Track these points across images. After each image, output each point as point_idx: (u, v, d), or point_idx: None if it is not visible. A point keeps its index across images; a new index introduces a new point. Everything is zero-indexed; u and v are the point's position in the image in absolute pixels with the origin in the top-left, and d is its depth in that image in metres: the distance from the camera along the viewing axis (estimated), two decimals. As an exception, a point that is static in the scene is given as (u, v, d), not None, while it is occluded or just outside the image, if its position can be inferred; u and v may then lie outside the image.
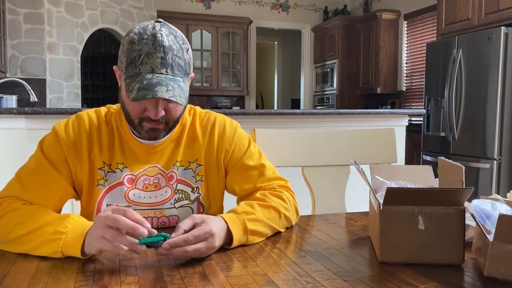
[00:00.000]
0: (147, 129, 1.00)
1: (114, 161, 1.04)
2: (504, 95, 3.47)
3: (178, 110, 1.01)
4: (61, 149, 1.01)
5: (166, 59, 0.93)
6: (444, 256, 0.79)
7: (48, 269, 0.79)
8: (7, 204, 0.94)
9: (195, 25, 6.10)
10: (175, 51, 0.95)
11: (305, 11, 6.80)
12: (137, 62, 0.93)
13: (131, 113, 0.99)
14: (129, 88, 0.92)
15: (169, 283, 0.72)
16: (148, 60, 0.92)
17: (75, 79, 4.88)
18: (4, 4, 4.25)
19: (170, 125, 1.02)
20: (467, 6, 4.03)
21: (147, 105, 0.96)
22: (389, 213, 0.80)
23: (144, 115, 0.97)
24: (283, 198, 1.06)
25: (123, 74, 0.97)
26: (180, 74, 0.96)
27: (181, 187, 1.08)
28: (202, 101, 6.35)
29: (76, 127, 1.04)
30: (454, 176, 0.88)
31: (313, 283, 0.72)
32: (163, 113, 0.97)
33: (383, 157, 1.46)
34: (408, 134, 4.10)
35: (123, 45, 0.97)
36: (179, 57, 0.96)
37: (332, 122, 2.70)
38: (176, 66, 0.95)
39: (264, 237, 0.98)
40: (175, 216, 1.07)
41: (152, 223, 1.05)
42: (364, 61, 6.05)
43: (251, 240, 0.94)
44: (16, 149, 2.09)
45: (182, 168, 1.08)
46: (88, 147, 1.03)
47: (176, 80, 0.95)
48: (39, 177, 0.99)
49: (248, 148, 1.14)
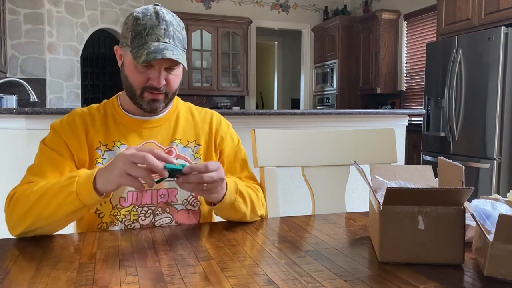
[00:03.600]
0: (148, 100, 1.08)
1: (110, 140, 1.11)
2: (504, 95, 3.47)
3: (177, 81, 1.11)
4: (60, 138, 1.09)
5: (168, 31, 1.04)
6: (444, 256, 0.79)
7: (48, 269, 0.79)
8: (22, 190, 1.00)
9: (195, 25, 6.10)
10: (175, 25, 1.07)
11: (305, 11, 6.80)
12: (143, 34, 1.03)
13: (134, 84, 1.07)
14: (138, 55, 1.01)
15: (169, 283, 0.72)
16: (153, 31, 1.03)
17: (75, 79, 4.88)
18: (4, 4, 4.25)
19: (169, 96, 1.10)
20: (467, 6, 4.03)
21: (150, 74, 1.05)
22: (389, 213, 0.80)
23: (146, 85, 1.06)
24: (257, 195, 1.16)
25: (129, 47, 1.05)
26: (180, 46, 1.06)
27: (180, 161, 1.13)
28: (202, 101, 6.34)
29: (70, 118, 1.13)
30: (454, 176, 0.88)
31: (313, 283, 0.72)
32: (164, 82, 1.06)
33: (383, 157, 1.46)
34: (408, 134, 4.10)
35: (126, 23, 1.07)
36: (178, 31, 1.07)
37: (332, 122, 2.70)
38: (176, 38, 1.06)
39: (245, 205, 1.08)
40: (174, 188, 1.12)
41: (152, 196, 1.10)
42: (364, 61, 6.05)
43: (237, 202, 1.05)
44: (16, 149, 2.09)
45: (182, 146, 1.16)
46: (84, 130, 1.11)
47: (178, 48, 1.05)
48: (46, 163, 1.06)
49: (238, 144, 1.24)
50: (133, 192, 1.09)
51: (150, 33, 1.03)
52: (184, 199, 1.13)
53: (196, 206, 1.15)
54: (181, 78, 1.13)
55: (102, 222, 1.09)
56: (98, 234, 1.01)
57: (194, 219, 1.15)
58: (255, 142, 1.35)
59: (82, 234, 1.03)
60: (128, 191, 1.08)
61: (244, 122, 2.47)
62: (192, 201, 1.14)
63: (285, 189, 2.42)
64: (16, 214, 0.97)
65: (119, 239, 0.96)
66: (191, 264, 0.81)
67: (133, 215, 1.09)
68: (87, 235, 1.00)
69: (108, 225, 1.09)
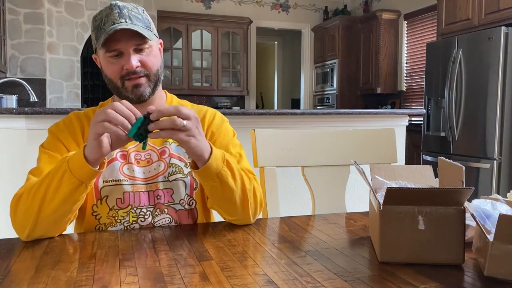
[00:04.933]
0: (131, 88, 1.07)
1: None
2: (504, 95, 3.47)
3: (155, 61, 1.08)
4: (58, 139, 1.10)
5: (122, 13, 1.04)
6: (444, 256, 0.79)
7: (48, 269, 0.79)
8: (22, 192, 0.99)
9: (195, 25, 6.10)
10: (129, 8, 1.06)
11: (305, 11, 6.80)
12: (101, 25, 1.04)
13: (112, 76, 1.07)
14: (99, 42, 1.03)
15: (169, 283, 0.72)
16: (108, 18, 1.03)
17: (75, 79, 4.88)
18: (4, 4, 4.25)
19: (151, 78, 1.08)
20: (467, 6, 4.03)
21: (122, 61, 1.04)
22: (389, 213, 0.80)
23: (123, 72, 1.05)
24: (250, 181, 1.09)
25: (96, 45, 1.06)
26: (140, 24, 1.05)
27: (174, 161, 1.13)
28: (202, 101, 6.34)
29: (67, 120, 1.14)
30: (454, 176, 0.88)
31: (313, 283, 0.72)
32: (139, 64, 1.05)
33: (383, 157, 1.46)
34: (408, 134, 4.10)
35: (90, 28, 1.11)
36: (136, 12, 1.07)
37: (332, 122, 2.70)
38: (134, 17, 1.05)
39: (234, 181, 1.01)
40: (169, 189, 1.11)
41: (148, 197, 1.10)
42: (364, 61, 6.04)
43: (224, 171, 0.99)
44: (16, 149, 2.09)
45: (175, 145, 1.15)
46: (81, 130, 1.12)
47: (137, 25, 1.03)
48: (46, 165, 1.06)
49: (233, 138, 1.20)
50: (129, 193, 1.08)
51: (106, 21, 1.03)
52: (181, 199, 1.12)
53: (193, 205, 1.14)
54: (161, 60, 1.11)
55: (99, 223, 1.09)
56: (98, 234, 1.01)
57: (193, 218, 1.15)
58: (255, 142, 1.35)
59: (82, 234, 1.03)
60: (124, 192, 1.08)
61: (244, 122, 2.47)
62: (188, 200, 1.14)
63: (285, 189, 2.42)
64: (19, 214, 0.96)
65: (119, 239, 0.96)
66: (191, 264, 0.81)
67: (132, 217, 1.09)
68: (87, 235, 1.00)
69: (107, 226, 1.09)
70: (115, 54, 1.05)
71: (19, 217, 0.96)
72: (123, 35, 1.02)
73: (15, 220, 0.97)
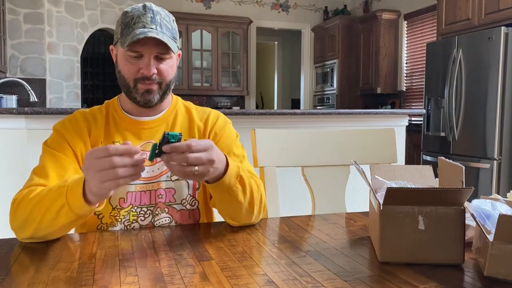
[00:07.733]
0: (142, 92, 1.08)
1: (110, 140, 1.12)
2: (504, 95, 3.47)
3: (170, 72, 1.10)
4: (63, 138, 1.09)
5: (155, 19, 1.06)
6: (444, 256, 0.79)
7: (48, 269, 0.79)
8: (22, 197, 0.98)
9: (195, 25, 6.10)
10: (162, 15, 1.08)
11: (305, 11, 6.80)
12: (131, 23, 1.05)
13: (126, 76, 1.08)
14: (124, 40, 1.03)
15: (169, 283, 0.72)
16: (140, 19, 1.05)
17: (75, 79, 4.88)
18: (4, 4, 4.25)
19: (163, 87, 1.09)
20: (467, 6, 4.03)
21: (140, 64, 1.06)
22: (389, 213, 0.80)
23: (138, 75, 1.06)
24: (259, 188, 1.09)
25: (119, 40, 1.06)
26: (169, 34, 1.06)
27: None
28: (202, 101, 6.34)
29: (73, 119, 1.13)
30: (454, 176, 0.88)
31: (313, 283, 0.72)
32: (155, 71, 1.06)
33: (383, 157, 1.46)
34: (408, 134, 4.10)
35: (118, 21, 1.10)
36: (167, 21, 1.08)
37: (332, 122, 2.70)
38: (164, 26, 1.06)
39: (244, 195, 1.01)
40: (171, 188, 1.12)
41: (150, 196, 1.10)
42: (364, 61, 6.04)
43: (236, 188, 0.99)
44: (16, 149, 2.09)
45: None
46: (87, 129, 1.11)
47: (166, 35, 1.05)
48: (49, 163, 1.05)
49: (236, 139, 1.21)
50: (132, 192, 1.09)
51: (137, 22, 1.04)
52: (182, 199, 1.12)
53: (195, 206, 1.15)
54: (175, 71, 1.13)
55: (101, 223, 1.09)
56: (98, 234, 1.01)
57: (194, 219, 1.15)
58: (255, 142, 1.35)
59: (82, 234, 1.03)
60: (127, 191, 1.08)
61: (244, 122, 2.48)
62: (190, 200, 1.14)
63: (285, 189, 2.42)
64: (17, 222, 0.95)
65: (119, 239, 0.96)
66: (191, 264, 0.81)
67: (132, 216, 1.09)
68: (87, 235, 1.00)
69: (108, 226, 1.09)
70: (135, 55, 1.06)
71: (15, 225, 0.95)
72: (149, 40, 1.03)
73: (13, 225, 0.96)
